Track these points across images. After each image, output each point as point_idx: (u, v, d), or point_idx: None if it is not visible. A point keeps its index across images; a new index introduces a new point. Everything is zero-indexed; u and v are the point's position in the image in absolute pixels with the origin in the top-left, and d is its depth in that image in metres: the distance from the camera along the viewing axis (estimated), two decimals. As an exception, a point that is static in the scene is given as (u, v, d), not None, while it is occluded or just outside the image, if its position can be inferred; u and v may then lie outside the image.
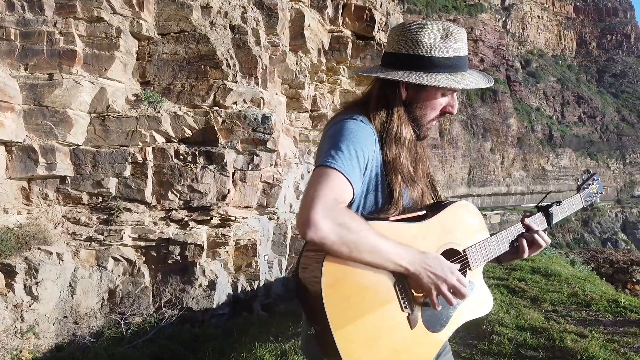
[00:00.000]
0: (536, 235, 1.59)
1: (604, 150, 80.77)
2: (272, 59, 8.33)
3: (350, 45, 10.33)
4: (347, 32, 10.39)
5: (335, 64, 10.49)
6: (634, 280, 11.93)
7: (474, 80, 1.47)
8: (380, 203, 1.45)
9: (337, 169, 1.26)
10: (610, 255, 13.66)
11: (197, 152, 7.31)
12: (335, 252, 1.20)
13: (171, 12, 7.44)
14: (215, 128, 7.33)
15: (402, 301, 1.32)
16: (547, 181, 72.52)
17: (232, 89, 7.43)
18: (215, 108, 7.44)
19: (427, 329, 1.37)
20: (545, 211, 1.67)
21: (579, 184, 1.86)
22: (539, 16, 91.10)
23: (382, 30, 10.80)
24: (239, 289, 8.35)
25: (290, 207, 9.60)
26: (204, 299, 7.70)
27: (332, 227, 1.18)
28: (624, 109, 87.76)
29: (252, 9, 8.00)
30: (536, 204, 1.72)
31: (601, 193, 1.90)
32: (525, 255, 1.58)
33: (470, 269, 1.47)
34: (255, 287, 8.61)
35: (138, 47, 7.39)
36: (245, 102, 7.55)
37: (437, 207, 1.50)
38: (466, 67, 1.47)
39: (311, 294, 1.26)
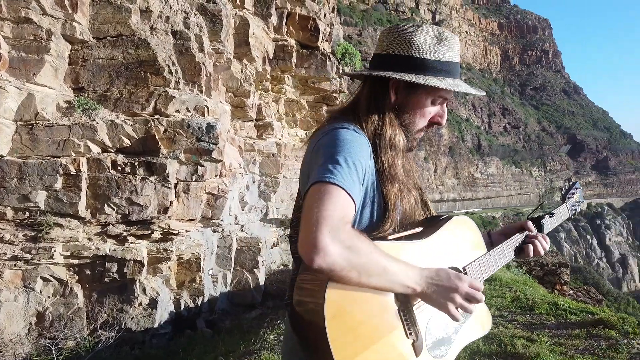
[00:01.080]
0: (536, 241, 1.60)
1: (527, 158, 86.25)
2: (217, 67, 8.07)
3: (295, 54, 10.27)
4: (292, 41, 10.33)
5: (279, 73, 10.38)
6: (562, 281, 12.66)
7: (466, 86, 1.44)
8: (375, 217, 1.35)
9: (338, 185, 1.15)
10: (540, 258, 14.42)
11: (136, 163, 6.92)
12: (343, 278, 1.09)
13: (108, 15, 7.02)
14: (157, 137, 6.98)
15: (406, 327, 1.22)
16: (477, 188, 76.27)
17: (174, 97, 7.12)
18: (156, 116, 7.08)
19: (432, 356, 1.29)
20: (537, 223, 1.66)
21: (563, 193, 1.87)
22: (466, 32, 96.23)
23: (326, 41, 10.85)
24: (182, 306, 7.99)
25: (236, 218, 9.34)
26: (145, 319, 7.29)
27: (341, 251, 1.07)
28: (544, 120, 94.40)
29: (195, 14, 7.72)
30: (527, 216, 1.71)
31: (582, 202, 1.92)
32: (531, 256, 1.60)
33: None
34: (199, 303, 8.27)
35: (71, 51, 6.90)
36: (188, 111, 7.25)
37: (434, 223, 1.43)
38: (458, 75, 1.43)
39: (311, 326, 1.13)
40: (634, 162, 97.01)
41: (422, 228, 1.40)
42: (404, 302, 1.23)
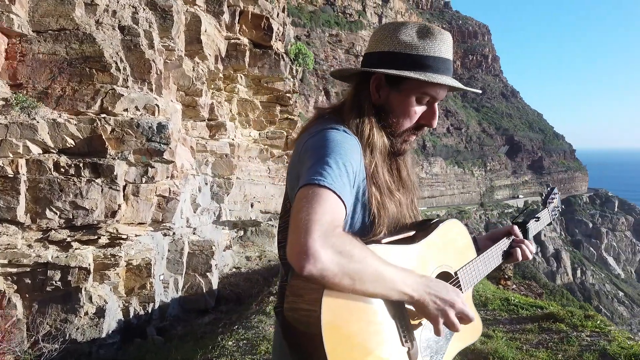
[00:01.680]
0: (523, 246, 1.61)
1: (469, 158, 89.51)
2: (167, 64, 7.77)
3: (248, 53, 10.08)
4: (245, 40, 10.13)
5: (232, 72, 10.16)
6: (506, 276, 13.19)
7: (450, 80, 1.34)
8: (367, 220, 1.31)
9: (328, 187, 1.08)
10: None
11: (81, 164, 6.55)
12: (336, 285, 1.03)
13: (49, 7, 6.60)
14: (103, 137, 6.63)
15: (402, 335, 1.19)
16: (422, 187, 78.32)
17: (122, 95, 6.79)
18: (103, 115, 6.74)
19: None
20: (522, 227, 1.67)
21: (543, 198, 1.88)
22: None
23: (280, 40, 10.74)
24: (131, 314, 7.67)
25: (187, 221, 9.04)
26: (91, 329, 6.94)
27: (333, 257, 1.00)
28: (484, 121, 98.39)
29: (144, 9, 7.40)
30: (512, 221, 1.71)
31: (561, 207, 1.94)
32: (519, 260, 1.62)
33: (462, 292, 1.38)
34: (150, 310, 7.96)
35: (8, 45, 6.43)
36: (137, 109, 6.94)
37: (426, 226, 1.39)
38: (447, 72, 1.35)
39: (305, 334, 1.07)
40: (565, 162, 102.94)
41: (414, 232, 1.37)
42: (400, 309, 1.19)
